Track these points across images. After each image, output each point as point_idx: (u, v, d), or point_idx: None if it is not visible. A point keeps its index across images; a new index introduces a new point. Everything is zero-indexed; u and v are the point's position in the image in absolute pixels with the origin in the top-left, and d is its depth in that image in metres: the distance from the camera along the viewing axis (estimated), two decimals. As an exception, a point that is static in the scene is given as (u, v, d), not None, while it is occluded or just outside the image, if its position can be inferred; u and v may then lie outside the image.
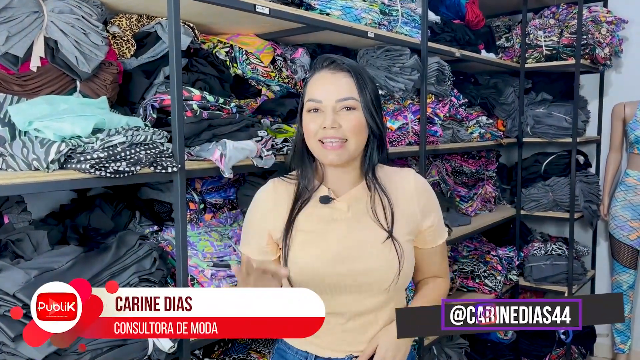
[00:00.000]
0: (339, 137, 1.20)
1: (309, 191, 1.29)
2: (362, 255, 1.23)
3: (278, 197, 1.30)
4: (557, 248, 3.43)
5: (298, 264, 1.24)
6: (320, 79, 1.25)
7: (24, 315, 1.13)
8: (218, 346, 1.83)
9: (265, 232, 1.29)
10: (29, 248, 1.31)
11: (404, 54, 2.29)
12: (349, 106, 1.22)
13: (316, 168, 1.31)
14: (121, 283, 1.30)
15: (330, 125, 1.20)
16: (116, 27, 1.60)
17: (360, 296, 1.24)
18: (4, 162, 1.19)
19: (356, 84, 1.23)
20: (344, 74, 1.24)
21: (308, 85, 1.27)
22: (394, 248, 1.23)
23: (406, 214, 1.28)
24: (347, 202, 1.27)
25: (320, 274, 1.22)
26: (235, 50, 1.97)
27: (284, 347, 1.33)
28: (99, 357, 1.25)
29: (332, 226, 1.26)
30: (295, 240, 1.25)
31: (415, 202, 1.30)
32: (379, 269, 1.23)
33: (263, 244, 1.29)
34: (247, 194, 1.97)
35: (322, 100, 1.22)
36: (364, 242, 1.24)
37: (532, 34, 3.43)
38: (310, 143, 1.25)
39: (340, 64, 1.25)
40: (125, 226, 1.68)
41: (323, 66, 1.26)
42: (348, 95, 1.22)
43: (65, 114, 1.25)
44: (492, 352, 3.16)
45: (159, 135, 1.40)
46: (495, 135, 3.21)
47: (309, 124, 1.23)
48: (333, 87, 1.23)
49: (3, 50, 1.27)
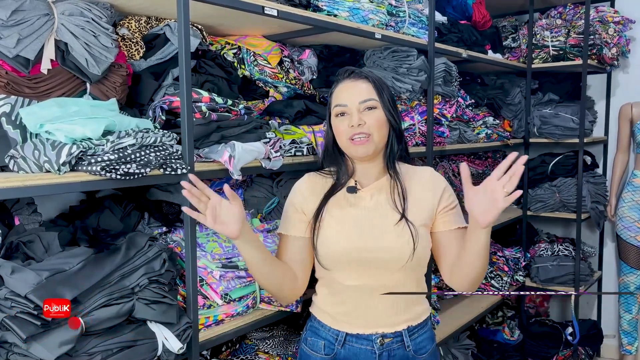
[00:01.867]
0: (365, 132, 1.43)
1: (340, 183, 1.52)
2: (380, 235, 1.44)
3: (313, 185, 1.55)
4: (563, 249, 3.42)
5: (326, 242, 1.46)
6: (344, 87, 1.49)
7: (35, 316, 1.14)
8: (226, 347, 1.84)
9: (300, 211, 1.52)
10: (40, 249, 1.32)
11: (411, 55, 2.29)
12: (370, 106, 1.45)
13: (346, 164, 1.54)
14: (131, 284, 1.30)
15: (357, 123, 1.42)
16: (125, 29, 1.61)
17: (379, 272, 1.44)
18: (16, 164, 1.20)
19: (374, 88, 1.47)
20: (362, 80, 1.48)
21: (333, 94, 1.51)
22: (408, 230, 1.43)
23: (422, 201, 1.50)
24: (370, 192, 1.50)
25: (345, 250, 1.44)
26: (243, 51, 1.97)
27: (317, 325, 1.53)
28: (109, 358, 1.25)
29: (356, 212, 1.48)
30: (324, 223, 1.48)
31: (431, 190, 1.52)
32: (394, 248, 1.43)
33: (296, 221, 1.51)
34: (255, 195, 1.97)
35: (347, 104, 1.45)
36: (382, 224, 1.45)
37: (538, 34, 3.43)
38: (341, 142, 1.48)
39: (358, 73, 1.50)
40: (134, 227, 1.69)
41: (344, 77, 1.51)
42: (369, 97, 1.45)
43: (76, 116, 1.25)
44: (498, 353, 3.16)
45: (169, 137, 1.40)
46: (502, 135, 3.20)
47: (339, 126, 1.47)
48: (355, 91, 1.46)
49: (14, 53, 1.27)
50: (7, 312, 1.14)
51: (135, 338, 1.30)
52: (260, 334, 1.89)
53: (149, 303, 1.32)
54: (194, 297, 1.47)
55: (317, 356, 1.49)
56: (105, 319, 1.24)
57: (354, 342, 1.46)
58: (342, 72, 1.53)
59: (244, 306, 1.61)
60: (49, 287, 1.16)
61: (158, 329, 1.35)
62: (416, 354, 1.48)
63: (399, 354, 1.46)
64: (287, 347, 1.84)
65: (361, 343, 1.45)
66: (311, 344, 1.52)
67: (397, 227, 1.44)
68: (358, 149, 1.44)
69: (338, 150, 1.53)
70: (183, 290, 1.51)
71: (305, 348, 1.54)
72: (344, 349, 1.46)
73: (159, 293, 1.34)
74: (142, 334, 1.31)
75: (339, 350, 1.46)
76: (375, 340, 1.45)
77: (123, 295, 1.29)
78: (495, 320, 3.37)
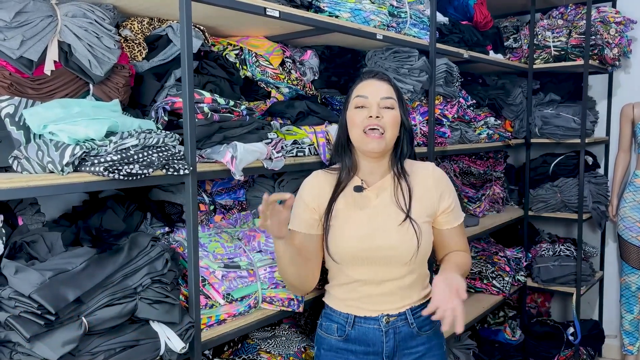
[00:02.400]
0: (381, 126, 1.52)
1: (346, 180, 1.60)
2: (385, 234, 1.54)
3: (321, 182, 1.64)
4: (565, 249, 3.43)
5: (337, 241, 1.57)
6: (367, 84, 1.59)
7: (39, 315, 1.15)
8: (228, 346, 1.84)
9: (309, 208, 1.61)
10: (43, 249, 1.32)
11: (413, 56, 2.30)
12: (389, 105, 1.55)
13: (352, 160, 1.62)
14: (134, 284, 1.31)
15: (375, 115, 1.52)
16: (128, 30, 1.62)
17: (387, 267, 1.55)
18: (20, 165, 1.21)
19: (394, 90, 1.60)
20: (384, 82, 1.60)
21: (355, 89, 1.60)
22: (412, 228, 1.54)
23: (424, 198, 1.60)
24: (375, 191, 1.59)
25: (354, 248, 1.54)
26: (245, 52, 1.98)
27: (329, 312, 1.66)
28: (111, 358, 1.26)
29: (363, 211, 1.58)
30: (334, 222, 1.58)
31: (433, 187, 1.62)
32: (399, 246, 1.54)
33: (308, 218, 1.61)
34: (257, 196, 1.98)
35: (368, 96, 1.55)
36: (388, 224, 1.55)
37: (540, 35, 3.43)
38: (354, 134, 1.56)
39: (382, 75, 1.62)
40: (137, 227, 1.70)
41: (369, 76, 1.62)
42: (390, 95, 1.57)
43: (79, 117, 1.26)
44: (499, 353, 3.15)
45: (171, 138, 1.41)
46: (503, 136, 3.21)
47: (355, 117, 1.55)
48: (377, 87, 1.57)
49: (18, 54, 1.28)
50: (10, 311, 1.15)
51: (137, 337, 1.31)
52: (262, 333, 1.90)
53: (151, 303, 1.33)
54: (196, 297, 1.47)
55: (332, 338, 1.63)
56: (108, 318, 1.25)
57: (362, 322, 1.59)
58: (368, 72, 1.64)
59: (245, 306, 1.62)
60: (53, 286, 1.17)
61: (160, 328, 1.36)
62: (420, 331, 1.61)
63: (404, 330, 1.59)
64: (289, 346, 1.84)
65: (369, 323, 1.59)
66: (325, 328, 1.65)
67: (402, 226, 1.54)
68: (369, 142, 1.52)
69: (348, 147, 1.63)
70: (185, 290, 1.51)
71: (321, 332, 1.67)
72: (354, 329, 1.59)
73: (161, 293, 1.35)
74: (144, 334, 1.32)
75: (350, 331, 1.60)
76: (381, 319, 1.58)
77: (126, 295, 1.30)
78: (497, 320, 3.37)
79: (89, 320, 1.22)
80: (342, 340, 1.61)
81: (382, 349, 1.58)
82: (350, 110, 1.59)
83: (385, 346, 1.58)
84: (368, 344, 1.59)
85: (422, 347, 1.62)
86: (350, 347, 1.60)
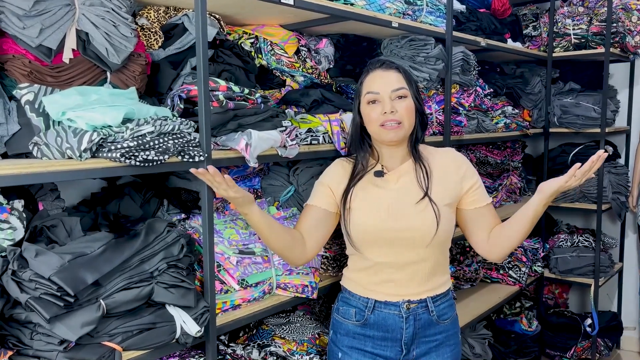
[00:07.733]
0: (396, 119, 1.53)
1: (366, 167, 1.63)
2: (405, 215, 1.55)
3: (341, 169, 1.67)
4: (583, 240, 3.39)
5: (357, 223, 1.58)
6: (375, 76, 1.58)
7: (58, 297, 1.18)
8: (243, 332, 1.87)
9: (327, 187, 1.64)
10: (62, 234, 1.35)
11: (429, 44, 2.28)
12: (401, 95, 1.55)
13: (372, 150, 1.65)
14: (150, 268, 1.34)
15: (390, 110, 1.52)
16: (144, 19, 1.64)
17: (407, 250, 1.56)
18: (39, 151, 1.23)
19: (404, 78, 1.58)
20: (393, 71, 1.58)
21: (364, 83, 1.60)
22: (432, 210, 1.54)
23: (446, 181, 1.60)
24: (396, 174, 1.61)
25: (375, 229, 1.55)
26: (260, 41, 1.98)
27: (347, 295, 1.66)
28: (129, 340, 1.29)
29: (384, 194, 1.59)
30: (353, 204, 1.59)
31: (454, 170, 1.63)
32: (419, 227, 1.54)
33: (323, 195, 1.63)
34: (271, 184, 1.99)
35: (379, 92, 1.55)
36: (407, 205, 1.56)
37: (560, 22, 3.37)
38: (371, 128, 1.58)
39: (389, 64, 1.60)
40: (154, 214, 1.73)
41: (375, 67, 1.60)
42: (400, 86, 1.55)
43: (97, 105, 1.29)
44: (515, 343, 3.14)
45: (187, 125, 1.43)
46: (521, 125, 3.17)
47: (370, 113, 1.56)
48: (387, 80, 1.56)
49: (37, 43, 1.31)
50: (31, 293, 1.18)
51: (154, 320, 1.34)
52: (277, 319, 1.92)
53: (167, 287, 1.36)
54: (212, 282, 1.50)
55: (349, 323, 1.62)
56: (126, 301, 1.28)
57: (382, 307, 1.59)
58: (374, 63, 1.62)
59: (260, 292, 1.64)
60: (72, 269, 1.20)
61: (176, 312, 1.39)
62: (439, 319, 1.61)
63: (424, 318, 1.60)
64: (303, 332, 1.86)
65: (389, 309, 1.58)
66: (343, 313, 1.65)
67: (421, 207, 1.55)
68: (388, 134, 1.54)
69: (364, 138, 1.65)
70: (200, 275, 1.54)
71: (338, 317, 1.67)
72: (374, 314, 1.59)
73: (177, 277, 1.38)
74: (160, 317, 1.35)
75: (369, 316, 1.59)
76: (402, 305, 1.58)
77: (142, 279, 1.33)
78: (513, 310, 3.35)
79: (106, 302, 1.25)
80: (360, 325, 1.61)
81: (402, 335, 1.58)
82: (364, 106, 1.59)
83: (404, 333, 1.58)
84: (387, 329, 1.59)
85: (440, 335, 1.62)
86: (368, 332, 1.60)
